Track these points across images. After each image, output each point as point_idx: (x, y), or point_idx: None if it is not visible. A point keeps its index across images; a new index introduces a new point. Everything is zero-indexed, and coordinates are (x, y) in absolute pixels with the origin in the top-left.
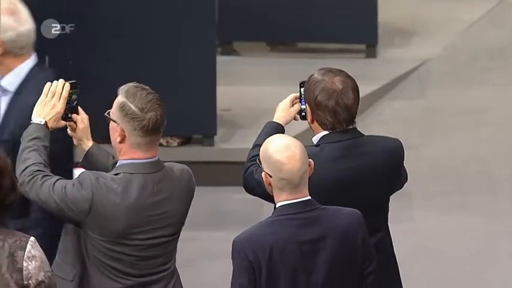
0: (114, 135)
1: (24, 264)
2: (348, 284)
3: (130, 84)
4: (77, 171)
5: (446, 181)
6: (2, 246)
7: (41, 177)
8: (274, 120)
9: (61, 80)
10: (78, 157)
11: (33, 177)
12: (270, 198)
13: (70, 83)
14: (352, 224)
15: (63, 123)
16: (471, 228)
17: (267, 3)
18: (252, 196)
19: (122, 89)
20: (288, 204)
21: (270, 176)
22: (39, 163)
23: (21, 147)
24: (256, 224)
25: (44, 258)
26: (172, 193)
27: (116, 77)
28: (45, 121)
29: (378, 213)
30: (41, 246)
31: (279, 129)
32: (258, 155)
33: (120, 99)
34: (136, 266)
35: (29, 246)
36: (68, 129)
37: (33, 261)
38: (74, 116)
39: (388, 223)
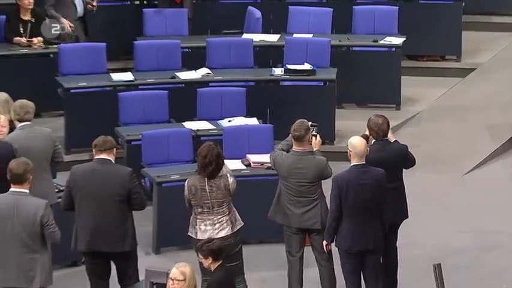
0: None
1: (229, 181)
2: (376, 199)
3: (300, 119)
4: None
5: (430, 161)
6: (220, 182)
7: (273, 153)
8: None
9: (309, 123)
10: None
11: (273, 153)
12: None
13: (311, 124)
14: (380, 175)
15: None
16: (441, 181)
17: (354, 90)
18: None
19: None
20: (356, 164)
21: (351, 151)
22: (279, 149)
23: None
24: (343, 171)
25: (233, 178)
26: (307, 165)
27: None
28: None
29: (397, 174)
30: None
31: (365, 137)
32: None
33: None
34: (296, 192)
35: (229, 176)
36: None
37: (229, 180)
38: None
39: (403, 179)
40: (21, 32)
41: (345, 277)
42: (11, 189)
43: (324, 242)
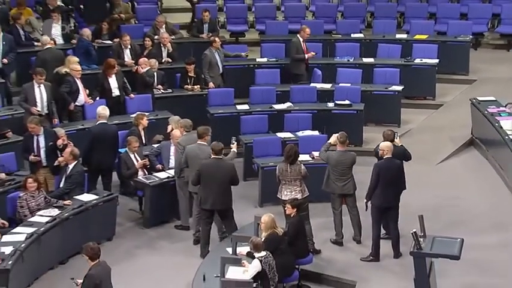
0: None
1: (301, 168)
2: (400, 177)
3: (342, 132)
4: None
5: (417, 156)
6: (297, 167)
7: (322, 152)
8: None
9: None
10: None
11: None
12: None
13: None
14: (400, 164)
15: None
16: (423, 168)
17: (374, 115)
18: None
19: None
20: (387, 157)
21: (383, 150)
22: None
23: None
24: (381, 161)
25: (304, 166)
26: (346, 158)
27: None
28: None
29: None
30: None
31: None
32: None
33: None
34: (339, 173)
35: (302, 165)
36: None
37: (302, 167)
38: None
39: (404, 167)
40: (188, 82)
41: (373, 223)
42: (197, 142)
43: (365, 200)
